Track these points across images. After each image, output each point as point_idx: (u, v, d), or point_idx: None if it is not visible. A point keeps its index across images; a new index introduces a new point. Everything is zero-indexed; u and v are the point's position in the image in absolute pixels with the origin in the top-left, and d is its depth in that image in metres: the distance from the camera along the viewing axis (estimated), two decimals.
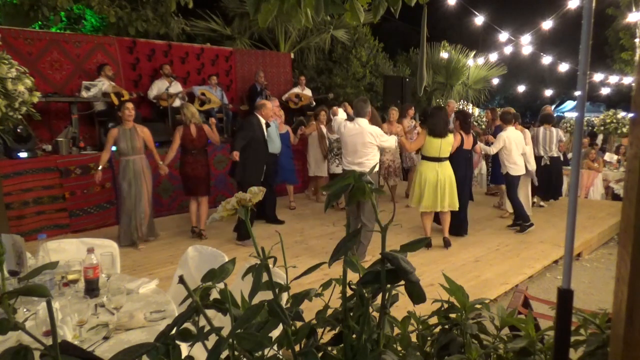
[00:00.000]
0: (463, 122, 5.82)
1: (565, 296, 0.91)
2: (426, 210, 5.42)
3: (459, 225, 5.98)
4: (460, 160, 5.75)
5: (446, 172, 5.38)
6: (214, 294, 0.90)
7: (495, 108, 8.72)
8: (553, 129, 7.35)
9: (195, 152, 5.74)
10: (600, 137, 12.78)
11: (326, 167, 7.71)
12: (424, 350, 1.16)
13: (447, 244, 5.56)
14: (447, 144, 5.36)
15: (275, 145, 6.56)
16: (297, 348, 0.91)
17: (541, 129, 7.34)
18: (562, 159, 7.68)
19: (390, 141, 5.16)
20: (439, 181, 5.33)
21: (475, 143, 6.11)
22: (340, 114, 5.39)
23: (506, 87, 23.21)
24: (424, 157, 5.42)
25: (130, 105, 5.47)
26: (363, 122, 4.97)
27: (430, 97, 15.42)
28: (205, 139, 5.82)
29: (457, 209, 5.53)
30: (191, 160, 5.73)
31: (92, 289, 2.25)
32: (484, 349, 1.12)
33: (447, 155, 5.39)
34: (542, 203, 7.82)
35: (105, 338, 1.89)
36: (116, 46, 8.01)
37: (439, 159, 5.35)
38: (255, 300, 0.91)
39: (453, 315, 1.16)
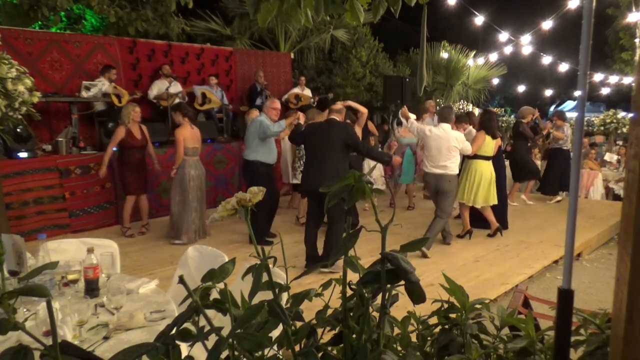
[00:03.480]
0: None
1: (565, 296, 0.91)
2: (485, 204, 5.86)
3: (502, 218, 6.39)
4: (499, 159, 6.33)
5: (493, 169, 5.92)
6: (214, 294, 0.90)
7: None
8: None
9: None
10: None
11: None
12: (424, 350, 1.16)
13: (497, 233, 6.06)
14: (497, 144, 5.94)
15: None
16: (297, 348, 0.91)
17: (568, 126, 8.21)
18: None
19: (469, 145, 5.57)
20: (492, 178, 5.85)
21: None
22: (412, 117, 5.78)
23: (506, 87, 23.21)
24: (480, 157, 5.81)
25: None
26: (447, 127, 5.41)
27: (430, 97, 15.41)
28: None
29: (496, 203, 6.03)
30: None
31: (92, 289, 2.25)
32: (484, 349, 1.12)
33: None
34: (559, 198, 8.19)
35: (105, 338, 1.89)
36: (116, 46, 8.01)
37: (491, 158, 5.89)
38: (255, 300, 0.91)
39: (453, 315, 1.16)
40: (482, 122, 5.89)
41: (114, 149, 5.79)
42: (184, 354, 0.85)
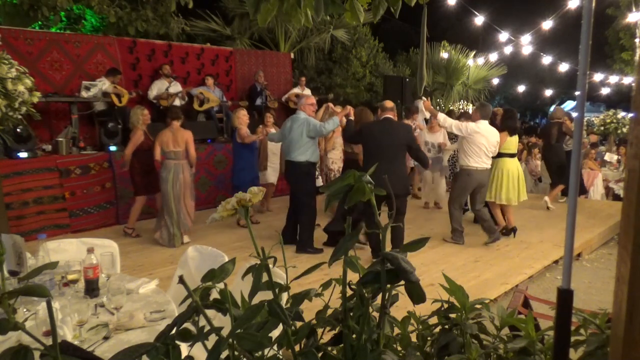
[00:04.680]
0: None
1: (565, 296, 0.91)
2: (512, 203, 5.97)
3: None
4: None
5: (519, 165, 6.13)
6: (214, 294, 0.90)
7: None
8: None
9: None
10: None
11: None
12: (424, 350, 1.16)
13: (515, 232, 6.09)
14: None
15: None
16: (297, 348, 0.91)
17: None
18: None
19: None
20: (519, 174, 6.01)
21: None
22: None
23: (506, 87, 23.22)
24: (504, 154, 5.93)
25: None
26: (487, 124, 5.60)
27: (430, 97, 15.42)
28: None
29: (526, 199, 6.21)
30: None
31: (92, 289, 2.25)
32: (484, 349, 1.12)
33: None
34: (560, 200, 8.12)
35: (105, 338, 1.89)
36: (116, 46, 8.01)
37: (515, 155, 6.11)
38: (255, 300, 0.91)
39: (453, 315, 1.16)
40: (504, 120, 5.99)
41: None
42: (184, 354, 0.85)
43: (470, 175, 5.55)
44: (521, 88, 16.20)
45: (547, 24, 9.25)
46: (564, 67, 11.60)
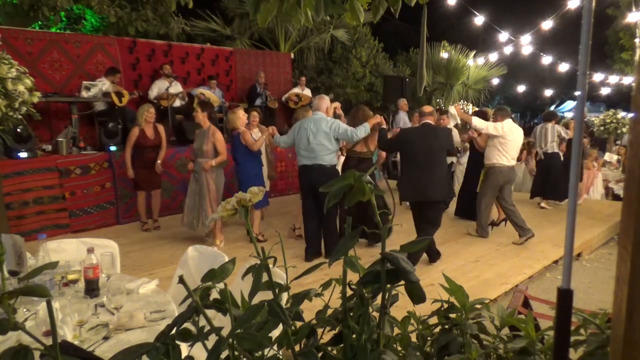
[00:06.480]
0: None
1: (565, 296, 0.90)
2: None
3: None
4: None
5: None
6: (214, 294, 0.90)
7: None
8: (549, 125, 7.69)
9: None
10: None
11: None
12: (424, 350, 1.16)
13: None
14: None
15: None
16: (297, 348, 0.91)
17: (539, 126, 7.98)
18: (561, 157, 7.82)
19: None
20: None
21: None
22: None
23: (506, 87, 23.19)
24: None
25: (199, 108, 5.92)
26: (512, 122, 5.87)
27: (430, 97, 15.42)
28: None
29: None
30: None
31: (92, 289, 2.25)
32: (484, 349, 1.12)
33: None
34: (543, 204, 7.89)
35: (105, 338, 1.89)
36: (116, 46, 8.01)
37: None
38: (255, 300, 0.91)
39: (453, 315, 1.16)
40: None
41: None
42: (184, 354, 0.85)
43: (502, 173, 5.77)
44: (521, 88, 16.19)
45: (547, 24, 9.25)
46: (564, 67, 11.60)
